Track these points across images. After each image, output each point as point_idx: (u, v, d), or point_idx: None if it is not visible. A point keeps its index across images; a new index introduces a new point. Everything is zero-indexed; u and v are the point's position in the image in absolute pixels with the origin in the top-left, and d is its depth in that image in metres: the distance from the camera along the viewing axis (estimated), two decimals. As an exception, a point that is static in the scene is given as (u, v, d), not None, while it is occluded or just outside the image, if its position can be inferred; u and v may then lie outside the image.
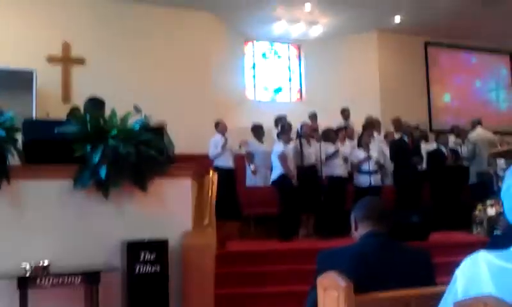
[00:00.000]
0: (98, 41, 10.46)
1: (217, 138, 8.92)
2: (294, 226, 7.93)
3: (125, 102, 5.78)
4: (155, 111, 7.33)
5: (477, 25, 12.08)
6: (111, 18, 10.63)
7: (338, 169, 8.46)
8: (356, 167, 8.73)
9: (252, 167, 9.26)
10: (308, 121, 9.73)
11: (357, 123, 10.57)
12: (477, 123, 9.47)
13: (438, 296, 1.74)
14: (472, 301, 1.40)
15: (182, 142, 8.49)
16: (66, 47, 10.39)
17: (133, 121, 4.90)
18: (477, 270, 1.59)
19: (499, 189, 1.68)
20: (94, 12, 10.50)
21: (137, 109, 5.44)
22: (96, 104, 5.20)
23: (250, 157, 9.35)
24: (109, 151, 4.49)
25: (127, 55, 10.60)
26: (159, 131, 5.11)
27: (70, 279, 4.10)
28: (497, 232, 6.53)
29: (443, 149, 9.64)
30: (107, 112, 5.00)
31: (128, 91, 9.39)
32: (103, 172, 4.46)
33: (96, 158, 4.47)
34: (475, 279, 1.57)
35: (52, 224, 4.66)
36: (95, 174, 4.53)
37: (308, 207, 8.17)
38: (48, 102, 9.31)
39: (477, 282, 1.56)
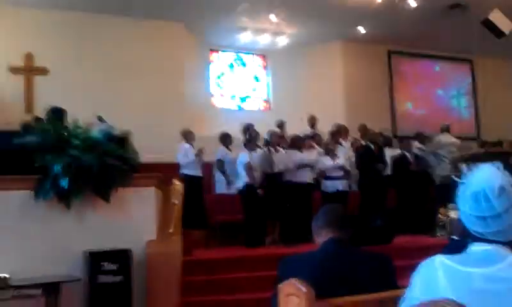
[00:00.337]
0: (63, 51, 10.31)
1: (186, 146, 8.88)
2: (260, 234, 7.95)
3: (90, 111, 5.74)
4: (121, 120, 7.29)
5: (439, 34, 12.35)
6: (76, 28, 10.48)
7: (305, 176, 8.53)
8: (322, 174, 8.82)
9: (227, 176, 9.27)
10: (276, 130, 9.79)
11: (324, 130, 10.69)
12: (445, 129, 9.63)
13: (398, 300, 1.77)
14: (429, 304, 1.44)
15: (148, 151, 8.46)
16: (29, 57, 10.22)
17: (96, 131, 4.87)
18: (433, 274, 1.63)
19: None
20: (58, 22, 10.35)
21: (100, 119, 5.40)
22: (57, 114, 5.14)
23: (221, 164, 9.35)
24: (71, 162, 4.46)
25: (92, 65, 10.47)
26: (122, 140, 5.09)
27: (30, 291, 4.04)
28: (454, 236, 6.68)
29: (407, 155, 9.85)
30: (71, 122, 4.96)
31: (93, 101, 9.28)
32: (65, 182, 4.42)
33: (58, 168, 4.43)
34: (432, 282, 1.62)
35: (13, 236, 4.58)
36: (56, 185, 4.49)
37: (274, 214, 8.20)
38: (10, 112, 9.13)
39: (434, 285, 1.61)
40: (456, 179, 1.73)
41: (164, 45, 11.19)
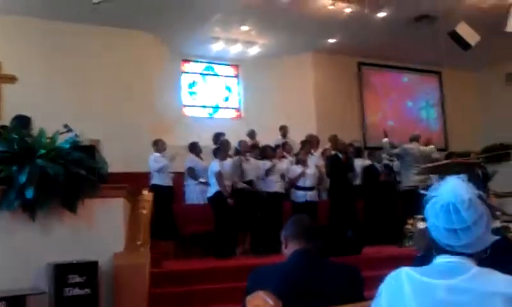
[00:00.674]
0: (31, 59, 10.12)
1: (156, 155, 8.82)
2: (230, 244, 7.91)
3: (58, 120, 5.63)
4: (90, 130, 7.20)
5: (408, 46, 12.57)
6: (45, 36, 10.30)
7: (275, 185, 8.54)
8: (292, 183, 8.85)
9: (202, 179, 9.20)
10: (247, 139, 9.80)
11: (295, 140, 10.74)
12: (414, 138, 9.73)
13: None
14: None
15: (117, 160, 8.36)
16: (-5, 65, 10.02)
17: (63, 140, 4.78)
18: (399, 285, 1.64)
19: None
20: (27, 30, 10.17)
21: (68, 128, 5.30)
22: (22, 122, 5.04)
23: (192, 171, 9.30)
24: (37, 172, 4.36)
25: (61, 73, 10.31)
26: (90, 150, 5.00)
27: (-7, 305, 3.93)
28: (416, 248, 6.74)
29: (377, 165, 9.96)
30: (36, 131, 4.86)
31: (62, 109, 9.14)
32: (30, 193, 4.32)
33: (22, 178, 4.32)
34: (398, 293, 1.63)
35: (-26, 248, 4.45)
36: (21, 196, 4.38)
37: (244, 225, 8.18)
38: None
39: (400, 296, 1.62)
40: (423, 191, 1.73)
41: (135, 55, 11.11)
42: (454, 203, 1.63)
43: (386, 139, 10.30)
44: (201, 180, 9.24)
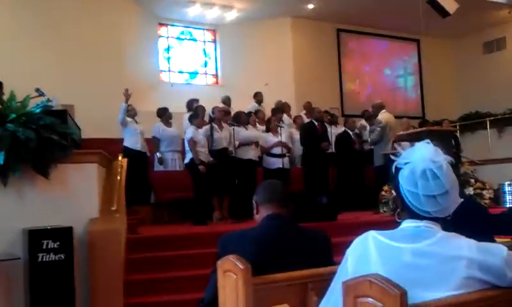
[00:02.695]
0: (2, 22, 9.84)
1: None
2: (207, 210, 7.92)
3: (28, 84, 5.51)
4: (62, 94, 7.06)
5: (386, 14, 12.54)
6: (14, -1, 10.02)
7: (249, 153, 8.54)
8: (264, 151, 8.87)
9: (158, 154, 9.12)
10: (221, 105, 9.72)
11: (272, 106, 10.73)
12: (380, 107, 9.28)
13: (334, 275, 1.79)
14: (359, 280, 1.45)
15: (91, 126, 8.26)
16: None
17: (34, 105, 4.69)
18: (366, 249, 1.65)
19: None
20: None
21: (40, 92, 5.20)
22: (-8, 86, 4.92)
23: (155, 142, 9.16)
24: (7, 136, 4.28)
25: (31, 36, 10.02)
26: (62, 115, 4.92)
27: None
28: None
29: (350, 133, 10.00)
30: (7, 95, 4.75)
31: (32, 73, 8.94)
32: (0, 158, 4.25)
33: (-8, 143, 4.24)
34: (364, 257, 1.64)
35: None
36: (-9, 160, 4.30)
37: (220, 190, 8.18)
38: None
39: (366, 260, 1.63)
40: (394, 158, 1.71)
41: (110, 18, 10.90)
42: (431, 168, 1.62)
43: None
44: (158, 155, 9.09)
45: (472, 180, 8.35)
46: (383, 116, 8.92)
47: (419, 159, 1.65)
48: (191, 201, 7.92)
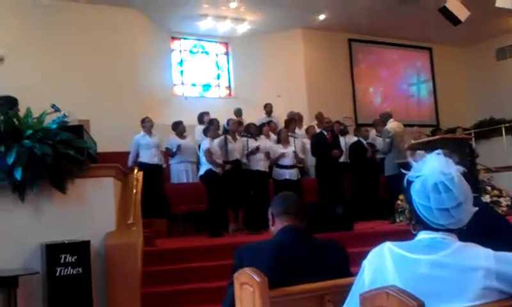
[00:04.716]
0: (17, 38, 9.99)
1: (141, 134, 8.83)
2: (223, 222, 7.93)
3: (45, 100, 5.59)
4: (78, 109, 7.14)
5: (397, 23, 12.53)
6: (31, 15, 10.16)
7: (259, 164, 8.56)
8: (273, 162, 8.89)
9: (177, 152, 9.18)
10: (234, 117, 9.78)
11: (284, 117, 10.76)
12: (387, 117, 9.19)
13: (351, 287, 1.79)
14: (376, 291, 1.45)
15: (106, 139, 8.34)
16: (-19, 44, 9.87)
17: (50, 120, 4.75)
18: (382, 260, 1.65)
19: None
20: (12, 8, 10.03)
21: (56, 108, 5.27)
22: (8, 102, 5.00)
23: (170, 152, 9.28)
24: (24, 152, 4.34)
25: (48, 52, 10.19)
26: (78, 130, 4.98)
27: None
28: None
29: (364, 142, 9.97)
30: (23, 112, 4.83)
31: (49, 89, 9.08)
32: (18, 174, 4.31)
33: (10, 159, 4.30)
34: (381, 269, 1.64)
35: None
36: (10, 176, 4.36)
37: (235, 202, 8.19)
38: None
39: (383, 272, 1.63)
40: (405, 172, 1.70)
41: (123, 33, 11.00)
42: (442, 181, 1.61)
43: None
44: (182, 158, 9.22)
45: (489, 188, 8.27)
46: (391, 125, 8.88)
47: (430, 172, 1.63)
48: (205, 213, 7.95)
